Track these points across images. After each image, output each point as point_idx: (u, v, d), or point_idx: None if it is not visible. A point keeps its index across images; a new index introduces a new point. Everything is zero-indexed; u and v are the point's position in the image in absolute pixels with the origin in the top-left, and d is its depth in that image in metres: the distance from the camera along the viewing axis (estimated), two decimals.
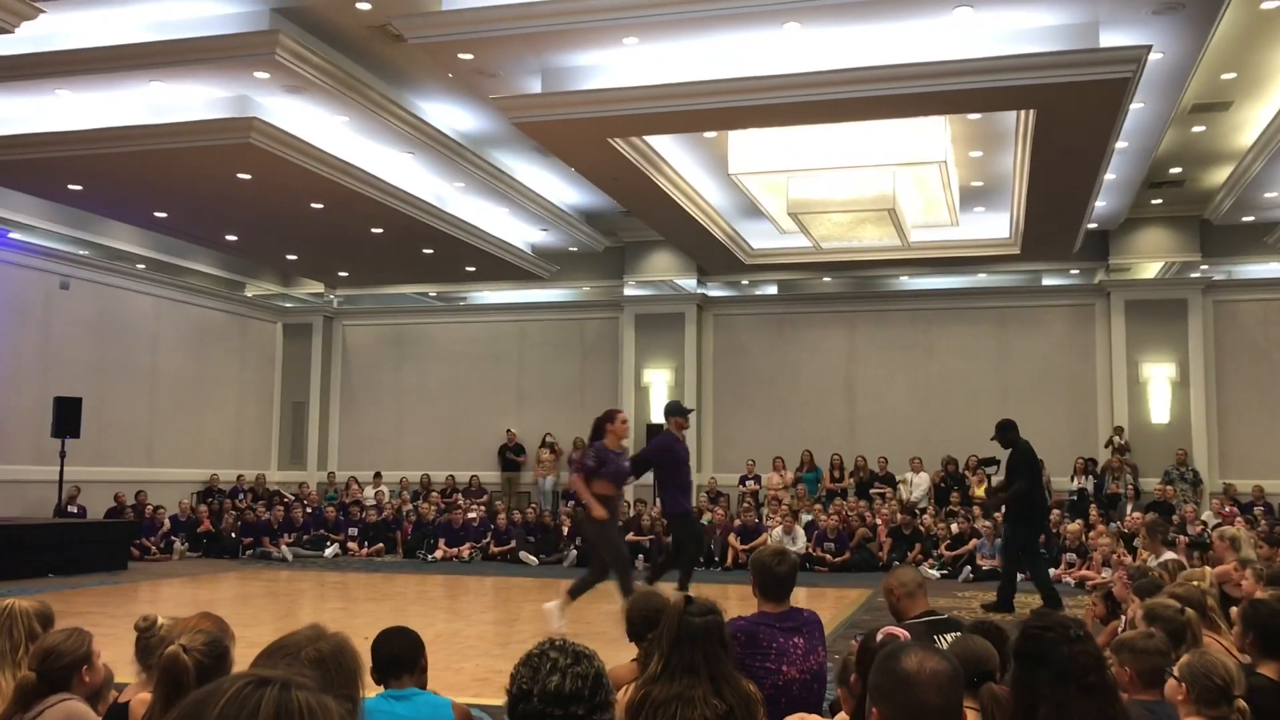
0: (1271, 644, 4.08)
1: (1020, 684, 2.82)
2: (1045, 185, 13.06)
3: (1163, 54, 10.02)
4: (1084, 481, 16.83)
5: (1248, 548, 8.19)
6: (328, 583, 13.07)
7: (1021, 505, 10.72)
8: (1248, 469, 16.88)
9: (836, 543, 15.15)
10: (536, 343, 20.33)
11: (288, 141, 11.94)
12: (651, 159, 12.94)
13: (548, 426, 19.49)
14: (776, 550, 4.53)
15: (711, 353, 19.47)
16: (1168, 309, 17.49)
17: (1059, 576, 13.48)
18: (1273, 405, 17.13)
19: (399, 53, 11.03)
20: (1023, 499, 10.69)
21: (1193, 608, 4.59)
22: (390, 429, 20.72)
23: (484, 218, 16.14)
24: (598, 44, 10.27)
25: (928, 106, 10.76)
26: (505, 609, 11.02)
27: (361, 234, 15.62)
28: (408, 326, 21.17)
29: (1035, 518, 10.98)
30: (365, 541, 16.66)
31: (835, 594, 12.03)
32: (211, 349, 19.52)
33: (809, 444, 17.98)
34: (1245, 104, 12.38)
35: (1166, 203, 16.51)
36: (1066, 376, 18.00)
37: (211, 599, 11.60)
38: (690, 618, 3.31)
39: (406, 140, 12.86)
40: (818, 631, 4.48)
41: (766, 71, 10.24)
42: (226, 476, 19.13)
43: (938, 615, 4.76)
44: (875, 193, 13.09)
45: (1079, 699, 2.68)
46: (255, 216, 14.86)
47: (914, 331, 18.67)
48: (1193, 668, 3.29)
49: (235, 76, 11.01)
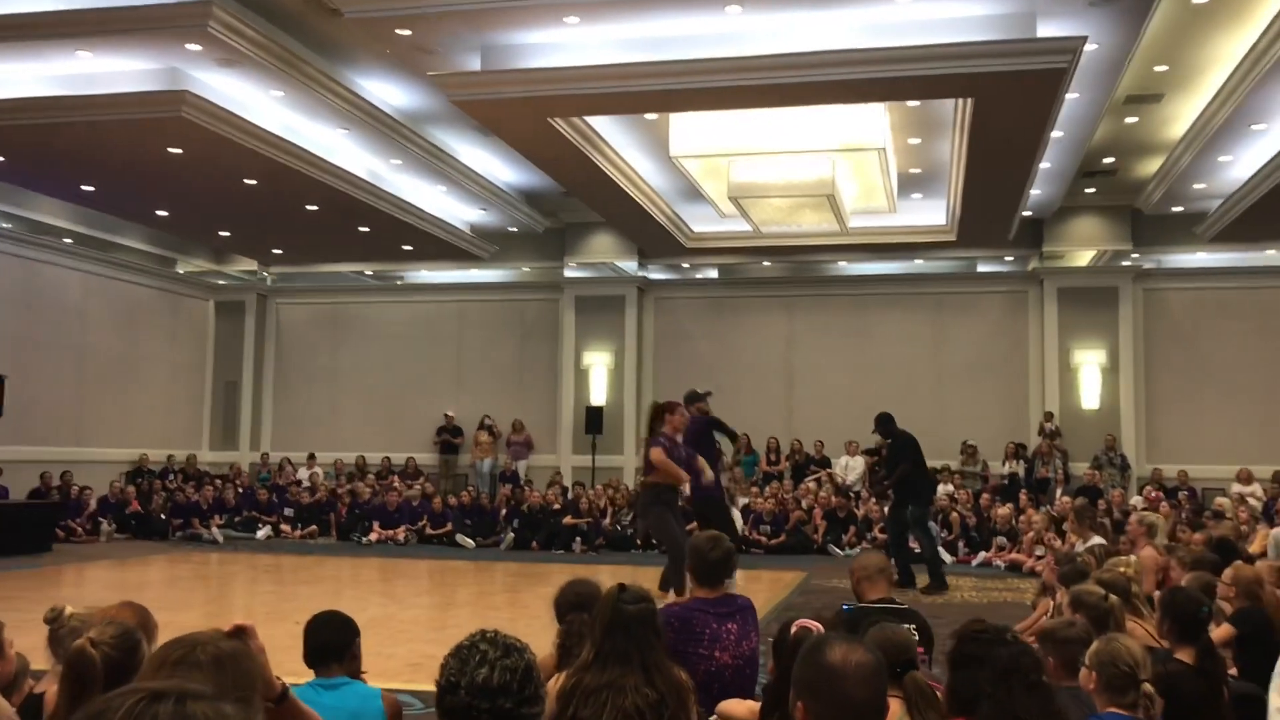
0: (1188, 630, 4.18)
1: (959, 683, 2.85)
2: (982, 173, 13.20)
3: (1098, 45, 10.16)
4: (1015, 466, 17.09)
5: (1163, 534, 8.38)
6: (259, 565, 12.88)
7: (908, 488, 11.40)
8: (1174, 454, 17.26)
9: (772, 525, 15.25)
10: (475, 324, 20.17)
11: (220, 116, 11.69)
12: (592, 140, 12.87)
13: (486, 409, 19.36)
14: (711, 536, 4.51)
15: (652, 336, 19.46)
16: (1099, 297, 17.80)
17: (990, 559, 13.71)
18: (1199, 392, 17.52)
19: (336, 27, 10.82)
20: (907, 482, 11.38)
21: (1117, 594, 4.67)
22: (325, 409, 20.45)
23: (422, 196, 15.96)
24: (539, 23, 10.17)
25: (867, 93, 10.82)
26: (440, 593, 10.95)
27: (296, 211, 15.36)
28: (343, 305, 20.89)
29: (922, 498, 11.69)
30: (299, 523, 16.46)
31: (771, 576, 12.10)
32: (141, 326, 19.10)
33: (747, 427, 17.98)
34: (1176, 97, 12.60)
35: (1099, 192, 16.79)
36: (1000, 362, 18.25)
37: (139, 582, 11.39)
38: (623, 605, 3.29)
39: (342, 116, 12.65)
40: (751, 617, 4.49)
41: (708, 54, 10.23)
42: (156, 457, 18.77)
43: (897, 604, 4.79)
44: (815, 178, 13.15)
45: (1022, 696, 2.72)
46: (187, 192, 14.55)
47: (852, 316, 18.81)
48: (1099, 655, 3.34)
49: (167, 48, 10.75)
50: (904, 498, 11.45)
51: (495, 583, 11.77)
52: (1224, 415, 17.32)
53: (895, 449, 11.54)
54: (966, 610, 9.62)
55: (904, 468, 11.37)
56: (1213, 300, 17.75)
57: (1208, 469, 16.90)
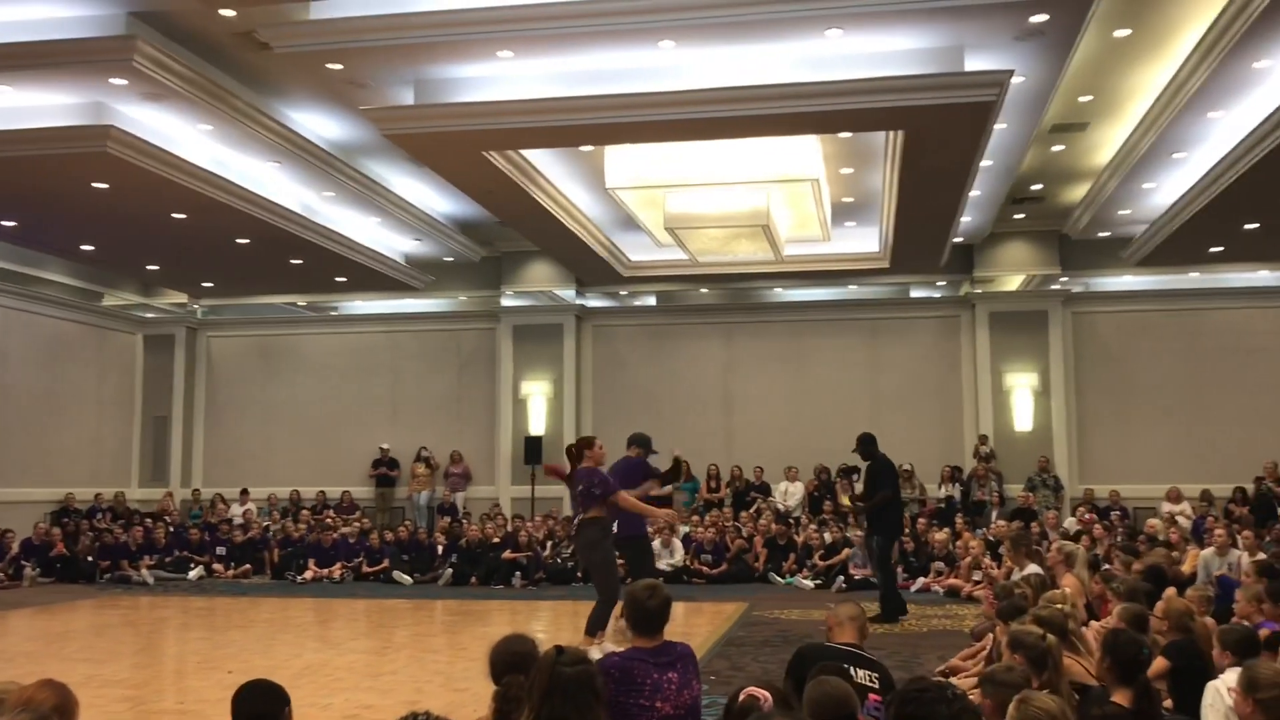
0: (1127, 672, 4.22)
1: None
2: (913, 201, 13.37)
3: (1024, 77, 10.35)
4: (951, 489, 17.27)
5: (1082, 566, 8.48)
6: (191, 609, 12.56)
7: (889, 515, 11.13)
8: (1105, 474, 17.57)
9: (714, 554, 15.23)
10: (411, 354, 19.97)
11: (147, 150, 11.46)
12: (527, 172, 12.83)
13: (423, 440, 19.15)
14: (649, 585, 4.47)
15: (591, 364, 19.40)
16: (1029, 320, 18.09)
17: (928, 585, 13.81)
18: (1128, 413, 17.87)
19: (266, 61, 10.66)
20: (887, 508, 11.11)
21: (1054, 632, 4.70)
22: (258, 444, 20.09)
23: (355, 228, 15.79)
24: (472, 57, 10.12)
25: (800, 126, 10.91)
26: (378, 635, 10.74)
27: (226, 244, 15.11)
28: (276, 338, 20.56)
29: (891, 530, 11.42)
30: (231, 562, 16.11)
31: (712, 608, 12.06)
32: (66, 362, 18.62)
33: (687, 454, 17.96)
34: (1101, 125, 12.88)
35: (1028, 218, 17.10)
36: (934, 386, 18.46)
37: (64, 631, 11.04)
38: (561, 669, 3.24)
39: (273, 149, 12.48)
40: (691, 665, 4.44)
41: (642, 88, 10.24)
42: (83, 495, 18.28)
43: (861, 651, 4.79)
44: (750, 209, 13.23)
45: None
46: (113, 226, 14.24)
47: (788, 343, 18.92)
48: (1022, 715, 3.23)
49: (90, 83, 10.51)
50: (877, 526, 11.14)
51: (434, 622, 11.59)
52: (1153, 435, 17.68)
53: (875, 472, 11.24)
54: (907, 640, 9.66)
55: (884, 494, 11.10)
56: (1139, 322, 18.13)
57: (1138, 488, 17.22)
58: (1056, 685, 4.17)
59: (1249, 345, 17.70)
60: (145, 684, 7.95)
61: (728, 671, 7.97)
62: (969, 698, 2.89)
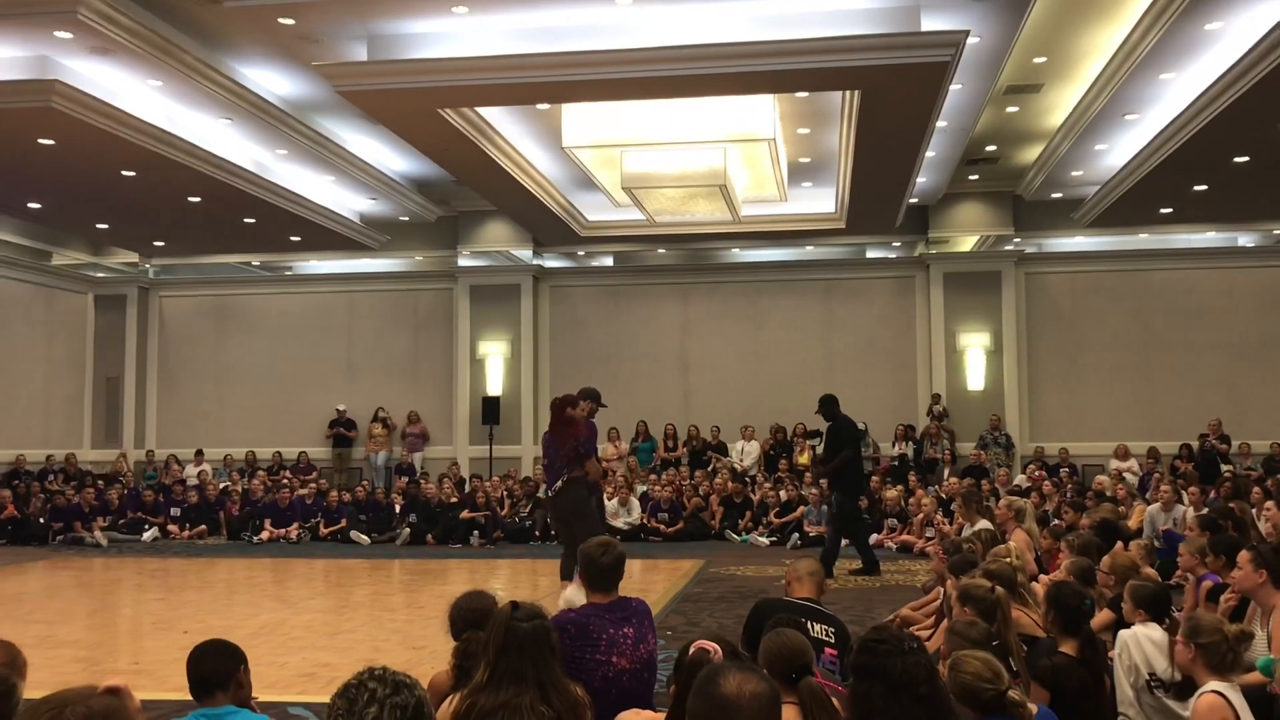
0: (1071, 623, 4.33)
1: (856, 695, 2.90)
2: (869, 162, 13.42)
3: (979, 38, 10.40)
4: (904, 447, 17.48)
5: (1030, 519, 8.69)
6: (146, 570, 12.50)
7: (849, 474, 11.26)
8: (1055, 432, 17.87)
9: (670, 513, 15.34)
10: (367, 314, 19.83)
11: (94, 106, 11.23)
12: (484, 130, 12.72)
13: (380, 400, 19.08)
14: (602, 542, 4.51)
15: (548, 324, 19.37)
16: (983, 281, 18.28)
17: (881, 541, 14.00)
18: (1078, 372, 18.15)
19: (215, 16, 10.46)
20: (849, 468, 11.22)
21: (1003, 585, 4.81)
22: (213, 404, 19.91)
23: (308, 186, 15.60)
24: (426, 12, 10.00)
25: (756, 85, 10.90)
26: (335, 594, 10.75)
27: (178, 202, 14.88)
28: (230, 298, 20.32)
29: (859, 486, 11.66)
30: (186, 524, 16.00)
31: (669, 565, 12.18)
32: (14, 322, 18.31)
33: (644, 415, 18.13)
34: (1055, 87, 12.97)
35: (982, 179, 17.23)
36: (889, 346, 18.63)
37: (16, 592, 10.95)
38: (517, 623, 3.27)
39: (224, 106, 12.27)
40: (647, 620, 4.50)
41: (599, 46, 10.17)
42: (34, 457, 18.05)
43: (818, 605, 4.87)
44: (706, 168, 13.21)
45: (911, 708, 2.77)
46: (60, 183, 13.97)
47: (745, 303, 18.99)
48: (952, 681, 3.26)
49: (35, 36, 10.27)
50: (839, 484, 11.25)
51: (392, 581, 11.61)
52: (1102, 394, 17.98)
53: (836, 433, 11.36)
54: (860, 596, 9.82)
55: (847, 453, 11.21)
56: (1091, 283, 18.37)
57: (1087, 446, 17.55)
58: (1005, 637, 4.27)
59: (1197, 305, 18.00)
60: (99, 644, 7.92)
61: (684, 627, 8.07)
62: (925, 651, 2.95)
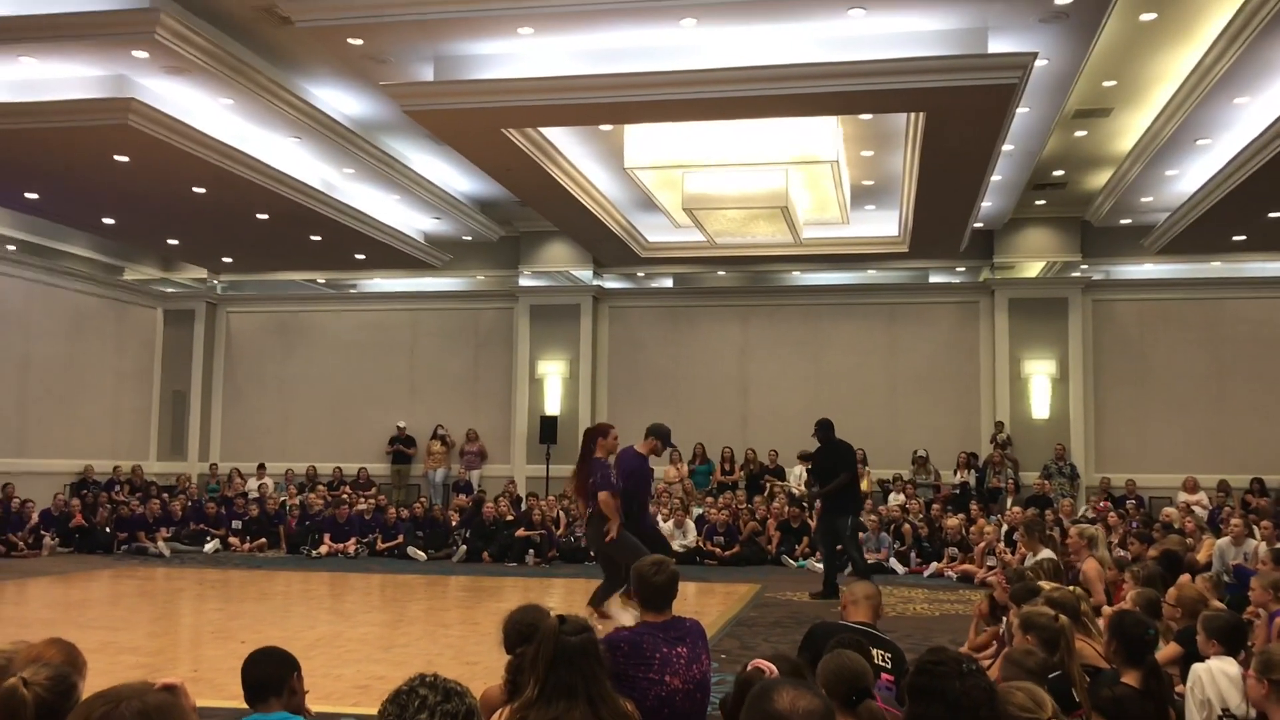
0: (1134, 653, 4.20)
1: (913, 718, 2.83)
2: (933, 185, 13.30)
3: (1048, 61, 10.27)
4: (966, 475, 17.22)
5: (1104, 547, 8.48)
6: (206, 581, 12.66)
7: (844, 496, 11.39)
8: (1121, 463, 17.50)
9: (726, 536, 15.24)
10: (429, 332, 20.01)
11: (168, 124, 11.50)
12: (546, 150, 12.81)
13: (439, 418, 19.22)
14: (655, 560, 4.46)
15: (607, 345, 19.41)
16: (1049, 307, 17.99)
17: (941, 570, 13.79)
18: (1145, 401, 17.77)
19: (287, 35, 10.69)
20: (844, 491, 11.36)
21: (1067, 613, 4.68)
22: (276, 419, 20.20)
23: (374, 205, 15.82)
24: (493, 33, 10.10)
25: (820, 106, 10.85)
26: (391, 609, 10.80)
27: (246, 219, 15.16)
28: (295, 314, 20.64)
29: (854, 507, 11.82)
30: (247, 536, 16.21)
31: (724, 589, 12.08)
32: (87, 335, 18.74)
33: (702, 437, 18.07)
34: (1124, 111, 12.77)
35: (1049, 204, 16.99)
36: (952, 372, 18.39)
37: (82, 599, 11.16)
38: (565, 638, 3.24)
39: (294, 125, 12.50)
40: (701, 640, 4.45)
41: (663, 67, 10.20)
42: (102, 468, 18.42)
43: (875, 630, 4.79)
44: (768, 190, 13.18)
45: None
46: (134, 200, 14.31)
47: (805, 326, 18.88)
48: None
49: (113, 55, 10.55)
50: (843, 507, 11.36)
51: (447, 598, 11.65)
52: (1170, 425, 17.58)
53: (832, 455, 11.44)
54: (920, 623, 9.66)
55: (845, 476, 11.31)
56: (1159, 311, 18.01)
57: (1155, 478, 17.15)
58: (1068, 667, 4.15)
59: (1270, 336, 17.56)
60: (159, 651, 8.02)
61: (738, 651, 7.99)
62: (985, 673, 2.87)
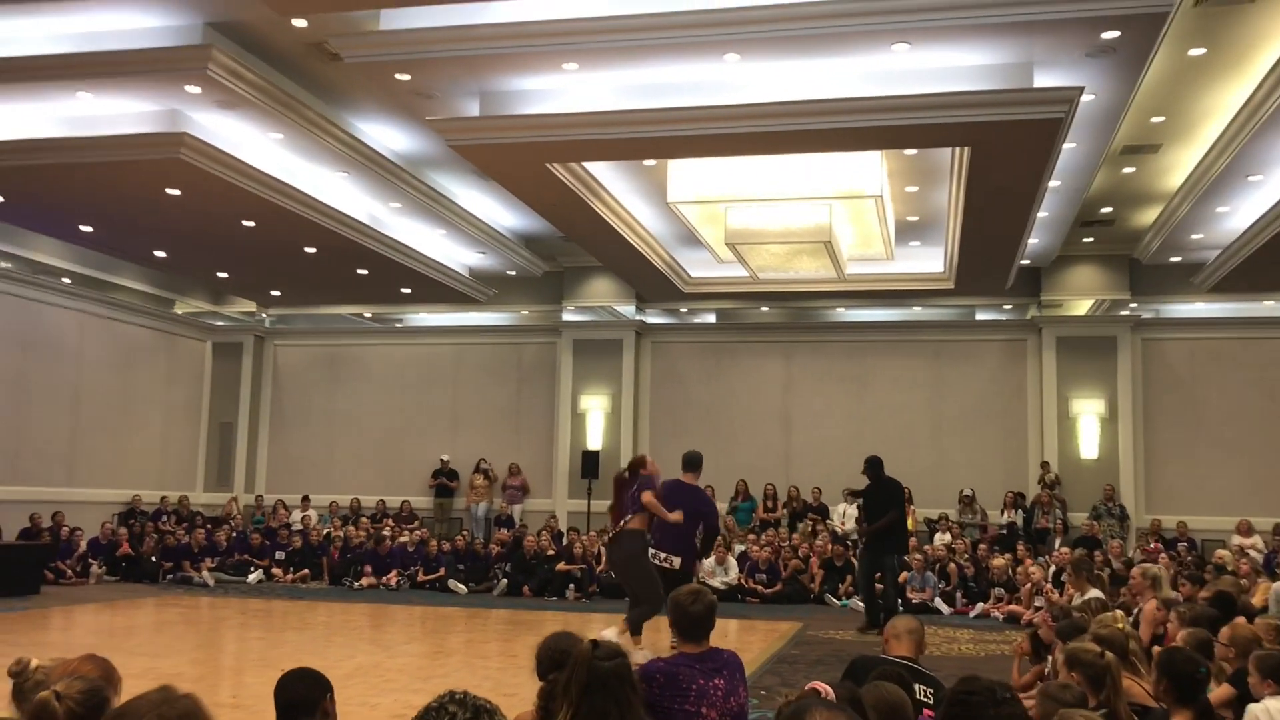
0: (1185, 692, 4.09)
1: None
2: (979, 221, 13.21)
3: (1094, 95, 10.19)
4: (1013, 515, 16.95)
5: (1167, 586, 8.25)
6: (249, 610, 12.73)
7: (890, 535, 11.66)
8: (1173, 505, 17.15)
9: (769, 574, 15.10)
10: (472, 366, 20.12)
11: (219, 158, 11.71)
12: (590, 185, 12.89)
13: (482, 451, 19.27)
14: (693, 590, 4.42)
15: (649, 380, 19.40)
16: (1098, 346, 17.76)
17: (988, 611, 13.56)
18: (1197, 442, 17.43)
19: (335, 71, 10.88)
20: (891, 529, 11.64)
21: (1114, 650, 4.56)
22: (321, 451, 20.36)
23: (420, 239, 15.98)
24: (537, 69, 10.20)
25: (864, 141, 10.84)
26: (430, 640, 10.79)
27: (295, 253, 15.37)
28: (341, 348, 20.85)
29: (900, 547, 12.12)
30: (290, 567, 16.30)
31: (766, 626, 11.95)
32: (138, 367, 19.05)
33: (744, 473, 17.96)
34: (1173, 147, 12.64)
35: (1097, 241, 16.81)
36: (999, 411, 18.18)
37: (127, 626, 11.25)
38: (598, 663, 3.21)
39: (342, 159, 12.68)
40: (738, 672, 4.39)
41: (706, 101, 10.25)
42: (150, 498, 18.64)
43: (917, 665, 4.72)
44: (812, 224, 13.16)
45: None
46: (185, 233, 14.56)
47: (850, 363, 18.77)
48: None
49: (166, 90, 10.78)
50: (891, 545, 11.64)
51: (487, 630, 11.62)
52: (1224, 466, 17.22)
53: (882, 493, 11.65)
54: (964, 664, 9.49)
55: (894, 514, 11.56)
56: (1211, 350, 17.71)
57: (1207, 520, 16.79)
58: (1115, 705, 4.05)
59: None
60: (201, 678, 8.06)
61: (779, 687, 7.88)
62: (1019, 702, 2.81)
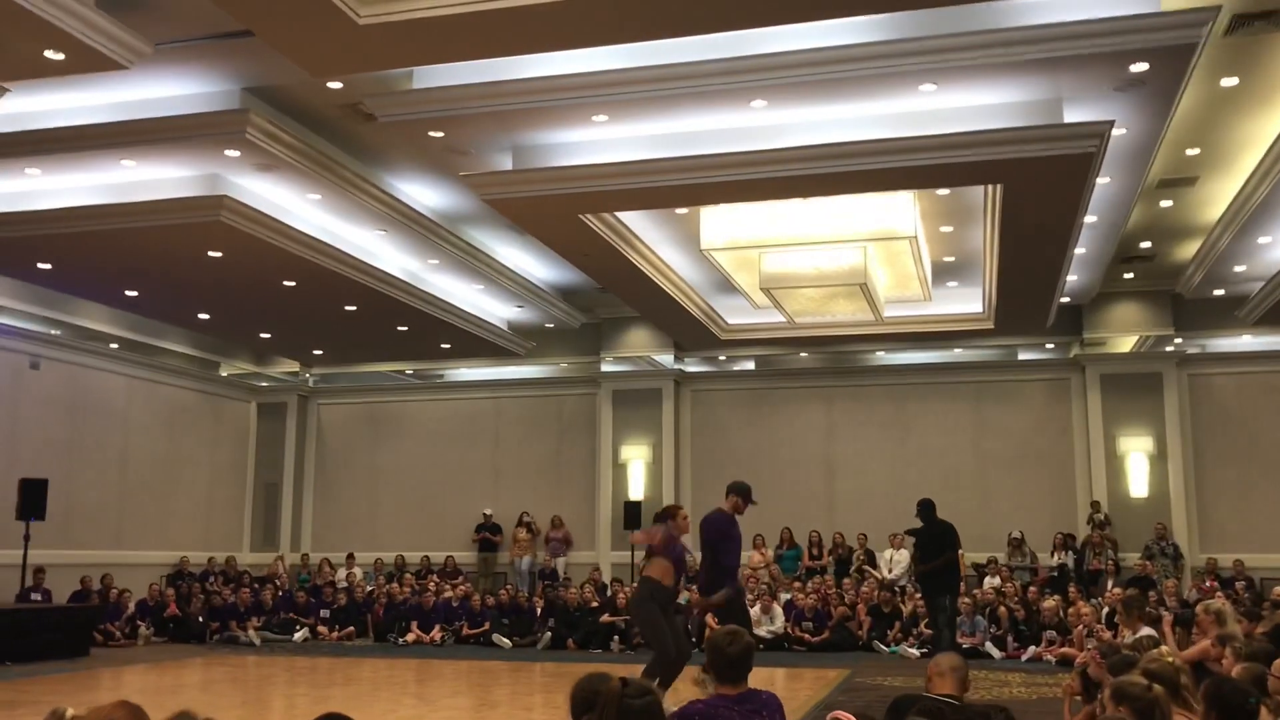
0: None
1: None
2: (1016, 260, 13.13)
3: (1126, 130, 10.14)
4: (1064, 557, 16.65)
5: (1233, 622, 8.03)
6: (296, 668, 12.75)
7: (943, 576, 11.79)
8: (1227, 543, 16.78)
9: (815, 621, 14.91)
10: (513, 420, 20.19)
11: (259, 219, 11.92)
12: (624, 234, 12.97)
13: (524, 505, 19.27)
14: (730, 630, 4.37)
15: (689, 429, 19.36)
16: (1143, 383, 17.51)
17: (1040, 654, 13.30)
18: (1250, 478, 17.08)
19: (370, 131, 11.07)
20: (951, 571, 11.85)
21: (1164, 684, 4.45)
22: (365, 509, 20.46)
23: (459, 294, 16.13)
24: (568, 122, 10.33)
25: (895, 182, 10.85)
26: (474, 694, 10.74)
27: (335, 312, 15.56)
28: (383, 405, 21.01)
29: (953, 588, 12.16)
30: (336, 624, 16.33)
31: (813, 674, 11.80)
32: (184, 429, 19.29)
33: (788, 521, 17.80)
34: (1211, 179, 12.52)
35: (1138, 277, 16.63)
36: (1044, 451, 17.93)
37: (175, 685, 11.30)
38: (629, 701, 3.18)
39: (379, 217, 12.87)
40: (778, 714, 4.32)
41: (735, 148, 10.31)
42: (197, 559, 18.79)
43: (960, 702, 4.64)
44: (847, 267, 13.13)
45: None
46: (227, 295, 14.79)
47: (891, 407, 18.63)
48: None
49: (206, 155, 11.01)
50: (943, 586, 11.73)
51: (531, 683, 11.56)
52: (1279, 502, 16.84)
53: (937, 535, 11.71)
54: (1014, 707, 9.26)
55: (950, 555, 11.68)
56: (1261, 384, 17.40)
57: (1264, 558, 16.39)
58: None
59: None
60: None
61: None
62: None
